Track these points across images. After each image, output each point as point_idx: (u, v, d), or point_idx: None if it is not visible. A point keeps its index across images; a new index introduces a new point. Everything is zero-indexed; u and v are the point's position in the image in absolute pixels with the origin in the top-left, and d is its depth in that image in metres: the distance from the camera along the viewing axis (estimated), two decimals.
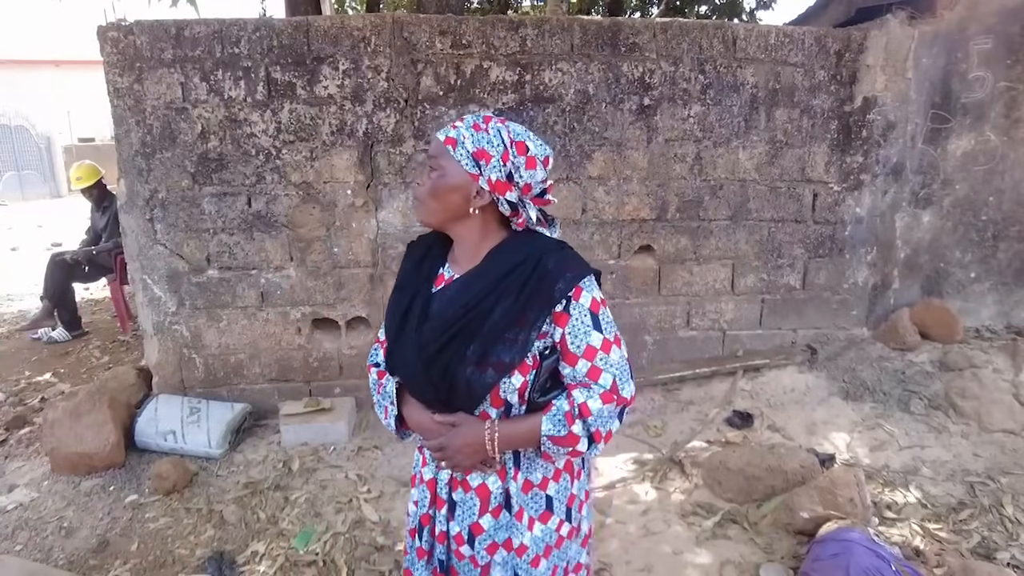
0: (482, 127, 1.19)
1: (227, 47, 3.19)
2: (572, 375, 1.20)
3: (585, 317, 1.18)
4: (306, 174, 3.35)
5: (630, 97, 3.45)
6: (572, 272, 1.18)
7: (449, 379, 1.19)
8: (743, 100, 3.52)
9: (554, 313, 1.18)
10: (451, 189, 1.19)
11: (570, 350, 1.19)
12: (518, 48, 3.33)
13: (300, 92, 3.26)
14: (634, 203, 3.57)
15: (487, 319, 1.17)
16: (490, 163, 1.18)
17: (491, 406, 1.22)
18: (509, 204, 1.21)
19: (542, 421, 1.18)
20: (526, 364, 1.19)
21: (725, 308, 3.79)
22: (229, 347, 3.50)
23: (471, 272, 1.23)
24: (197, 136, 3.26)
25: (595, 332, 1.18)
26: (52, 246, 8.76)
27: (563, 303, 1.18)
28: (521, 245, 1.23)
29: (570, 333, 1.18)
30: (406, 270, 1.34)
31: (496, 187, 1.19)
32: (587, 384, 1.19)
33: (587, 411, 1.16)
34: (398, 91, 3.30)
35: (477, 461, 1.24)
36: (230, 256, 3.40)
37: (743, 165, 3.60)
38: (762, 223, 3.69)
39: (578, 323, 1.18)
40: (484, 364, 1.17)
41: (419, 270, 1.31)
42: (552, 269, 1.18)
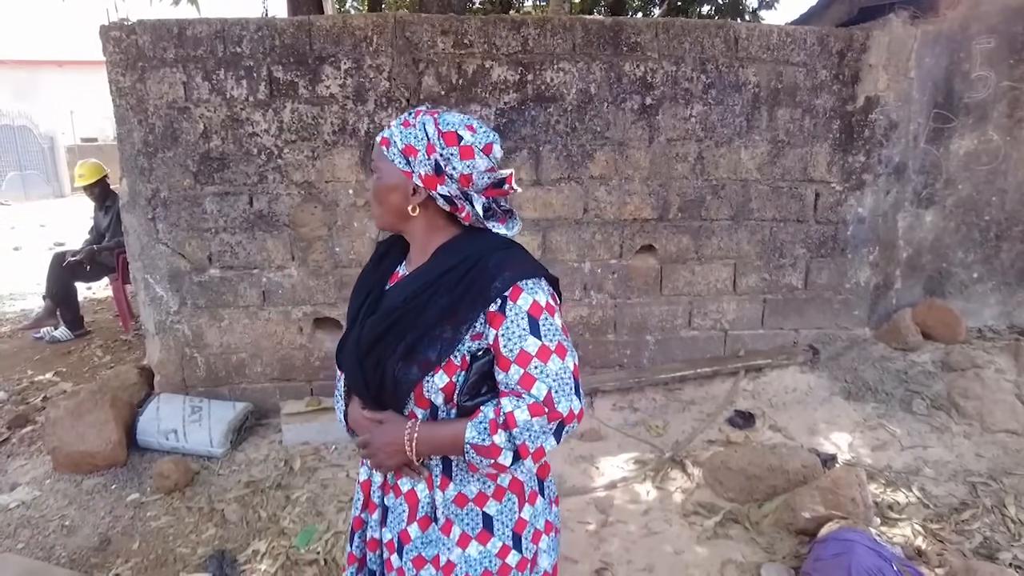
0: (411, 122, 1.16)
1: (229, 46, 3.19)
2: (505, 381, 1.13)
3: (522, 320, 1.12)
4: (308, 173, 3.35)
5: (632, 97, 3.45)
6: (512, 271, 1.13)
7: (379, 374, 1.17)
8: (745, 100, 3.51)
9: (488, 312, 1.12)
10: (389, 189, 1.18)
11: (502, 353, 1.12)
12: (520, 48, 3.33)
13: (302, 91, 3.26)
14: (636, 203, 3.57)
15: (420, 314, 1.14)
16: (416, 157, 1.14)
17: (416, 406, 1.18)
18: (444, 199, 1.16)
19: (467, 427, 1.11)
20: (453, 364, 1.14)
21: (727, 308, 3.78)
22: (231, 346, 3.50)
23: (418, 268, 1.21)
24: (199, 135, 3.26)
25: (532, 337, 1.11)
26: (55, 245, 8.78)
27: (498, 302, 1.12)
28: (466, 243, 1.19)
29: (503, 335, 1.12)
30: (366, 269, 1.34)
31: (426, 181, 1.15)
32: (518, 393, 1.11)
33: (512, 421, 1.08)
34: (400, 91, 3.30)
35: (399, 463, 1.19)
36: (232, 255, 3.40)
37: (745, 165, 3.59)
38: (764, 223, 3.69)
39: (513, 325, 1.11)
40: (410, 360, 1.13)
41: (377, 268, 1.31)
42: (491, 267, 1.13)
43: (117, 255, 4.78)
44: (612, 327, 3.72)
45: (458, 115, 1.17)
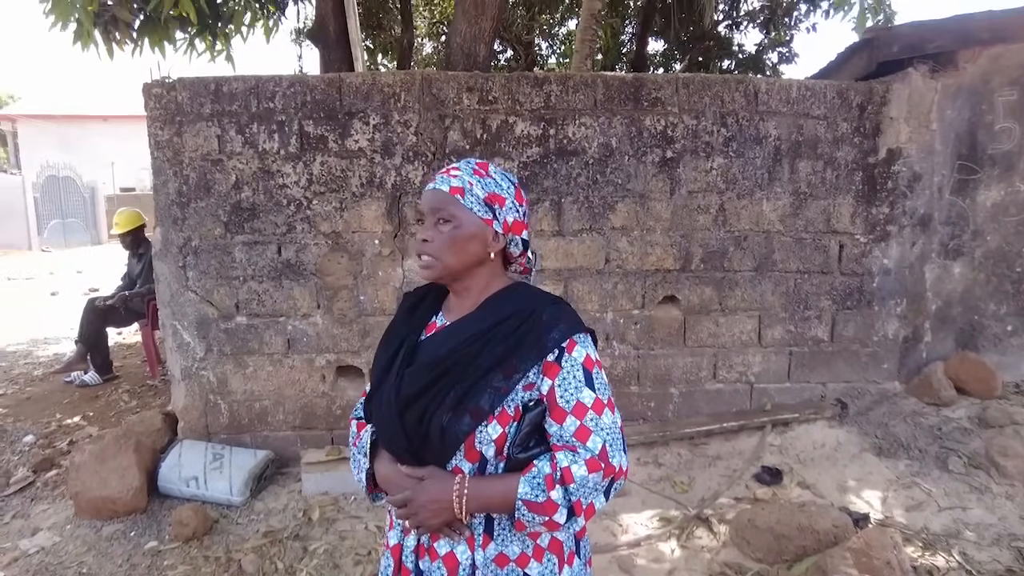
0: (484, 172, 1.20)
1: (263, 102, 3.31)
2: (559, 434, 1.11)
3: (577, 372, 1.12)
4: (335, 224, 3.41)
5: (653, 150, 3.48)
6: (566, 324, 1.15)
7: (424, 426, 1.12)
8: (766, 152, 3.53)
9: (544, 363, 1.13)
10: (469, 237, 1.18)
11: (558, 404, 1.11)
12: (543, 103, 3.40)
13: (332, 145, 3.35)
14: (658, 253, 3.56)
15: (472, 363, 1.12)
16: (504, 205, 1.20)
17: (465, 459, 1.14)
18: (524, 243, 1.23)
19: (519, 482, 1.08)
20: (507, 414, 1.12)
21: (752, 360, 3.72)
22: (254, 393, 3.51)
23: (464, 317, 1.20)
24: (231, 186, 3.35)
25: (587, 389, 1.11)
26: (89, 291, 8.99)
27: (555, 353, 1.13)
28: (519, 296, 1.21)
29: (560, 386, 1.12)
30: (397, 320, 1.31)
31: (513, 228, 1.22)
32: (573, 447, 1.09)
33: (570, 477, 1.07)
34: (426, 145, 3.38)
35: (443, 521, 1.13)
36: (259, 303, 3.45)
37: (767, 216, 3.58)
38: (788, 274, 3.65)
39: (569, 376, 1.12)
40: (461, 410, 1.11)
41: (410, 319, 1.28)
42: (547, 319, 1.15)
43: (148, 301, 4.88)
44: (635, 378, 3.67)
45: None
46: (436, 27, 11.07)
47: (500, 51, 10.91)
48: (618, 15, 9.38)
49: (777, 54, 9.76)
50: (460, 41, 4.05)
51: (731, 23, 9.97)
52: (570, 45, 10.79)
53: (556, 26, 11.03)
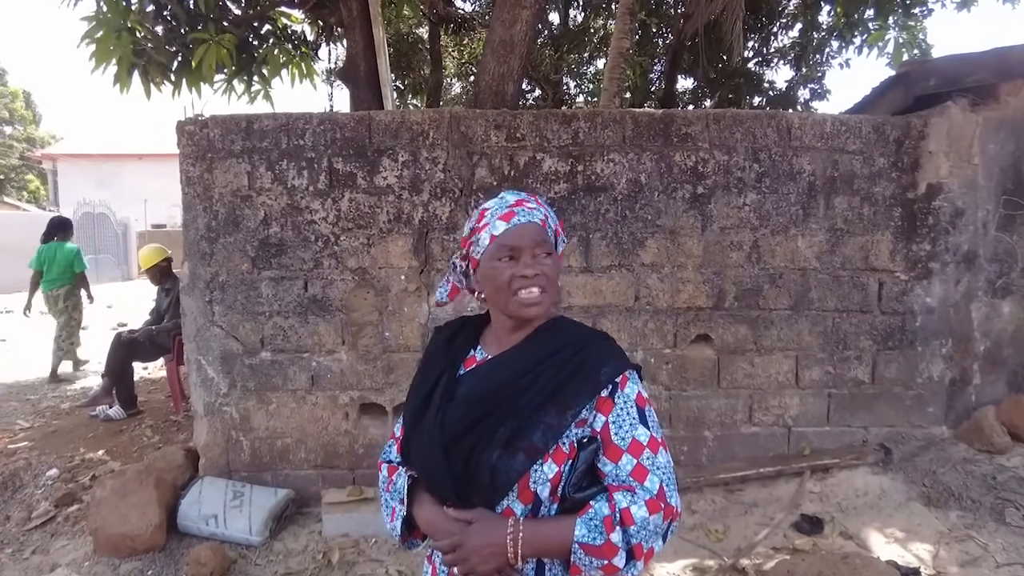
0: (543, 204, 1.23)
1: (292, 139, 3.39)
2: (614, 473, 1.09)
3: (631, 408, 1.12)
4: (362, 260, 3.45)
5: (683, 186, 3.48)
6: (617, 360, 1.15)
7: (472, 466, 1.09)
8: (800, 188, 3.50)
9: (598, 399, 1.12)
10: (560, 270, 1.24)
11: (613, 442, 1.10)
12: (570, 140, 3.43)
13: (360, 182, 3.41)
14: (689, 291, 3.52)
15: (522, 397, 1.10)
16: (560, 237, 1.25)
17: (518, 500, 1.10)
18: None
19: (576, 525, 1.05)
20: (562, 452, 1.10)
21: (790, 403, 3.62)
22: (276, 430, 3.51)
23: (510, 351, 1.19)
24: (260, 222, 3.42)
25: (642, 427, 1.11)
26: (118, 326, 9.19)
27: (608, 388, 1.12)
28: (565, 330, 1.20)
29: (614, 422, 1.11)
30: (431, 353, 1.30)
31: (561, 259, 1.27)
32: (631, 487, 1.08)
33: (629, 519, 1.04)
34: (454, 181, 3.42)
35: (496, 568, 1.09)
36: (284, 339, 3.47)
37: (803, 253, 3.53)
38: (825, 313, 3.57)
39: (623, 413, 1.12)
40: (513, 447, 1.08)
41: (446, 352, 1.26)
42: (597, 354, 1.15)
43: (174, 336, 4.95)
44: (667, 421, 3.59)
45: None
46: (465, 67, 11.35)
47: (528, 90, 11.12)
48: (646, 53, 9.52)
49: (809, 90, 9.78)
50: (488, 80, 4.13)
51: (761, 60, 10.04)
52: (598, 84, 10.96)
53: (584, 65, 11.23)
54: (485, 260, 1.17)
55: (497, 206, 1.19)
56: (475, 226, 1.21)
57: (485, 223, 1.18)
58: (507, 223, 1.16)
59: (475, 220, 1.21)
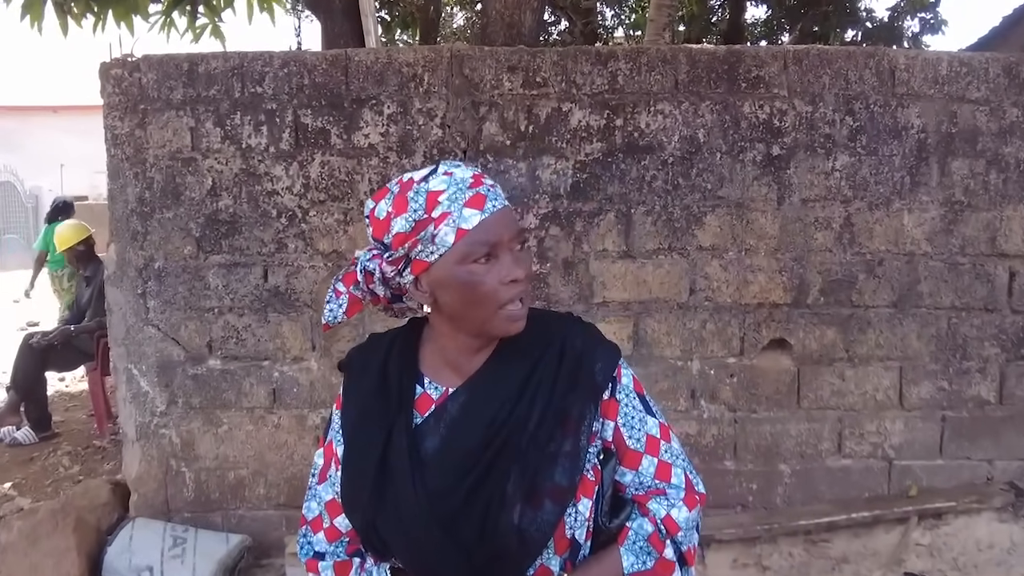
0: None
1: (248, 86, 3.40)
2: (637, 481, 1.19)
3: (634, 401, 1.21)
4: (338, 241, 3.46)
5: (753, 145, 3.46)
6: (604, 348, 1.22)
7: (489, 536, 1.08)
8: (907, 148, 3.48)
9: (602, 403, 1.18)
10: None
11: (630, 447, 1.19)
12: (607, 86, 3.42)
13: (335, 141, 3.42)
14: (761, 282, 3.51)
15: (522, 432, 1.11)
16: None
17: (555, 555, 1.15)
18: None
19: (622, 556, 1.15)
20: (588, 481, 1.16)
21: (891, 428, 3.61)
22: (228, 459, 3.54)
23: (480, 376, 1.18)
24: (206, 192, 3.43)
25: (650, 418, 1.21)
26: (27, 325, 9.26)
27: (610, 387, 1.19)
28: (531, 327, 1.18)
29: (625, 424, 1.20)
30: (362, 402, 1.26)
31: None
32: (660, 491, 1.18)
33: (674, 526, 1.16)
34: (455, 140, 3.42)
35: None
36: (238, 342, 3.49)
37: (910, 233, 3.51)
38: (939, 311, 3.56)
39: (630, 410, 1.21)
40: (536, 497, 1.09)
41: (383, 395, 1.23)
42: (583, 348, 1.19)
43: (97, 339, 4.99)
44: (731, 451, 3.59)
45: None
46: None
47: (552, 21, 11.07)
48: None
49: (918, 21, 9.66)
50: (500, 8, 4.11)
51: None
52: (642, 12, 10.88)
53: None
54: (449, 264, 1.13)
55: (454, 188, 1.14)
56: (423, 217, 1.13)
57: (443, 212, 1.12)
58: (479, 211, 1.12)
59: (419, 208, 1.13)
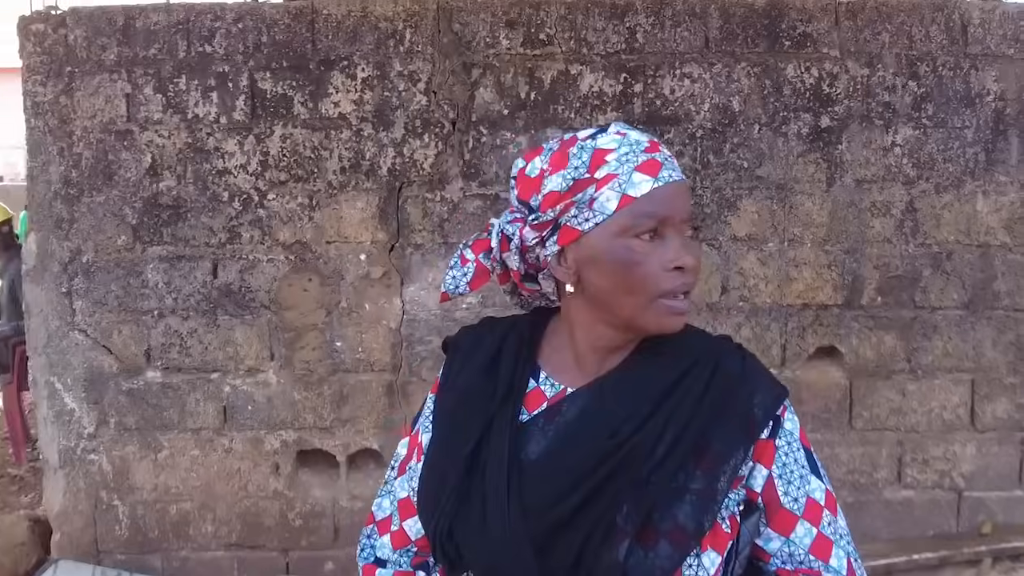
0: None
1: (195, 44, 3.37)
2: (786, 552, 1.11)
3: (798, 452, 1.14)
4: (301, 230, 3.43)
5: (798, 115, 3.45)
6: (767, 381, 1.16)
7: (587, 570, 1.04)
8: (981, 119, 3.47)
9: (756, 443, 1.11)
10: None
11: (784, 506, 1.11)
12: (624, 45, 3.41)
13: (298, 110, 3.39)
14: (807, 279, 3.50)
15: (648, 458, 1.06)
16: None
17: None
18: None
19: None
20: (722, 531, 1.08)
21: (961, 453, 3.61)
22: (170, 491, 3.51)
23: (611, 380, 1.15)
24: (145, 171, 3.40)
25: (815, 479, 1.13)
26: None
27: (770, 426, 1.12)
28: (678, 339, 1.15)
29: (781, 476, 1.11)
30: (462, 384, 1.25)
31: None
32: (815, 572, 1.10)
33: None
34: (442, 109, 3.40)
35: None
36: (181, 351, 3.46)
37: (984, 221, 3.51)
38: (1019, 314, 3.56)
39: (790, 461, 1.13)
40: (651, 535, 1.03)
41: (489, 383, 1.21)
42: (739, 376, 1.13)
43: (13, 347, 4.94)
44: None
45: None
46: None
47: None
48: None
49: None
50: None
51: None
52: None
53: None
54: (606, 236, 1.10)
55: (626, 148, 1.12)
56: (584, 176, 1.11)
57: (609, 174, 1.10)
58: (652, 178, 1.09)
59: (581, 165, 1.12)
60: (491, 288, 3.33)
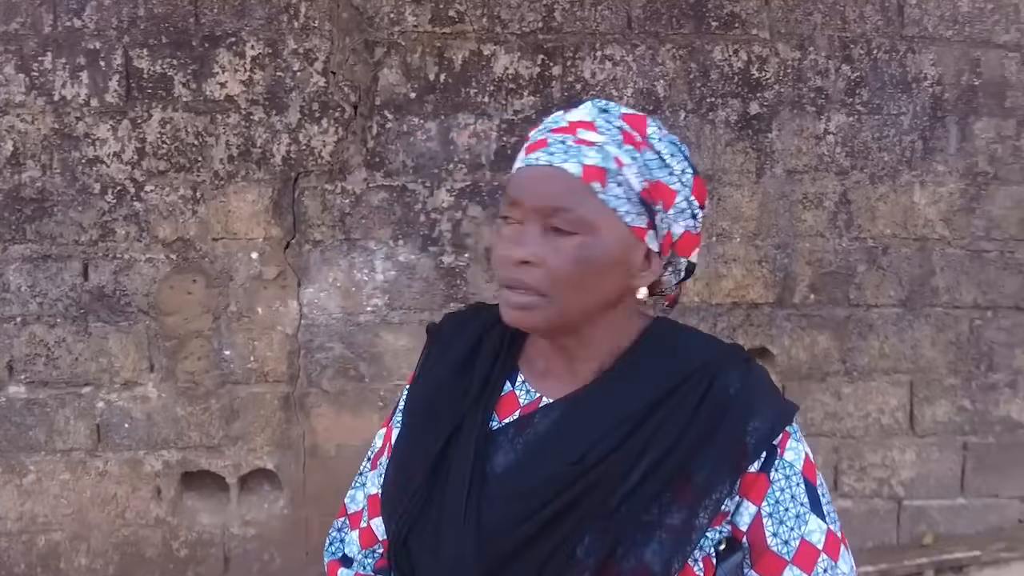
0: (642, 137, 1.11)
1: (62, 18, 3.29)
2: None
3: (796, 488, 1.10)
4: (184, 226, 3.37)
5: (726, 101, 3.49)
6: (770, 405, 1.13)
7: None
8: (918, 105, 3.54)
9: (745, 476, 1.08)
10: (611, 264, 1.10)
11: (771, 549, 1.08)
12: (541, 24, 3.41)
13: (180, 92, 3.33)
14: (736, 276, 3.54)
15: (619, 485, 1.04)
16: (673, 205, 1.12)
17: None
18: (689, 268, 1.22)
19: None
20: (692, 573, 1.07)
21: (900, 460, 3.68)
22: (37, 520, 3.43)
23: (588, 393, 1.13)
24: (5, 161, 3.32)
25: (814, 517, 1.10)
26: None
27: (761, 458, 1.09)
28: (675, 346, 1.16)
29: (772, 515, 1.09)
30: (437, 377, 1.26)
31: (680, 244, 1.16)
32: None
33: None
34: (342, 92, 3.37)
35: None
36: (48, 362, 3.39)
37: (922, 213, 3.59)
38: (959, 311, 3.64)
39: (785, 498, 1.10)
40: (613, 573, 1.03)
41: (463, 378, 1.21)
42: (735, 394, 1.09)
43: None
44: None
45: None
46: None
47: None
48: None
49: None
50: None
51: None
52: None
53: None
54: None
55: (543, 124, 1.16)
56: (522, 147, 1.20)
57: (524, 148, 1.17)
58: (524, 159, 1.13)
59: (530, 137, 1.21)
60: (399, 289, 3.41)
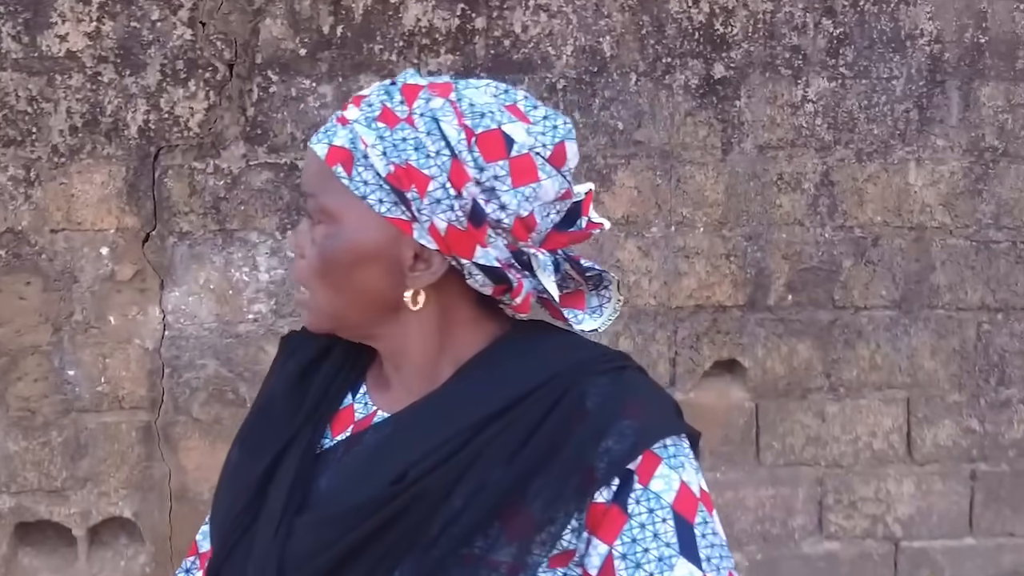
0: (400, 112, 1.10)
1: None
2: None
3: (663, 524, 1.06)
4: (15, 214, 3.26)
5: (686, 63, 3.46)
6: (636, 419, 1.08)
7: None
8: (913, 67, 3.53)
9: (591, 506, 1.05)
10: (362, 260, 1.12)
11: None
12: None
13: (8, 46, 3.22)
14: (700, 273, 3.50)
15: (439, 511, 1.03)
16: (428, 191, 1.08)
17: None
18: (487, 272, 1.12)
19: None
20: None
21: (896, 492, 3.66)
22: None
23: (419, 407, 1.15)
24: None
25: (683, 562, 1.05)
26: None
27: (613, 486, 1.05)
28: (530, 354, 1.17)
29: (627, 556, 1.05)
30: (271, 391, 1.31)
31: (452, 240, 1.10)
32: None
33: None
34: (214, 47, 3.29)
35: None
36: None
37: (918, 196, 3.57)
38: (964, 314, 3.63)
39: (646, 536, 1.05)
40: None
41: (297, 396, 1.25)
42: (593, 408, 1.08)
43: None
44: None
45: (485, 84, 1.15)
46: None
47: None
48: None
49: None
50: None
51: None
52: None
53: None
54: None
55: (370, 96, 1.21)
56: None
57: None
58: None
59: None
60: (288, 291, 3.37)
